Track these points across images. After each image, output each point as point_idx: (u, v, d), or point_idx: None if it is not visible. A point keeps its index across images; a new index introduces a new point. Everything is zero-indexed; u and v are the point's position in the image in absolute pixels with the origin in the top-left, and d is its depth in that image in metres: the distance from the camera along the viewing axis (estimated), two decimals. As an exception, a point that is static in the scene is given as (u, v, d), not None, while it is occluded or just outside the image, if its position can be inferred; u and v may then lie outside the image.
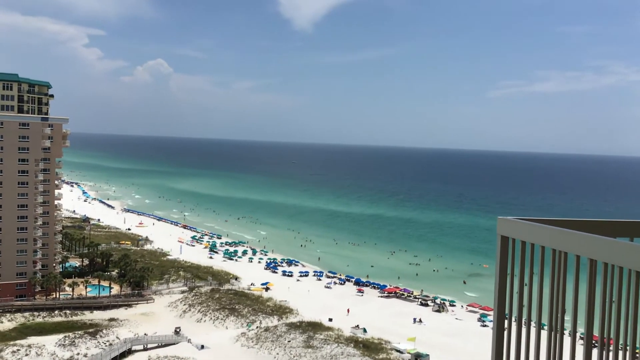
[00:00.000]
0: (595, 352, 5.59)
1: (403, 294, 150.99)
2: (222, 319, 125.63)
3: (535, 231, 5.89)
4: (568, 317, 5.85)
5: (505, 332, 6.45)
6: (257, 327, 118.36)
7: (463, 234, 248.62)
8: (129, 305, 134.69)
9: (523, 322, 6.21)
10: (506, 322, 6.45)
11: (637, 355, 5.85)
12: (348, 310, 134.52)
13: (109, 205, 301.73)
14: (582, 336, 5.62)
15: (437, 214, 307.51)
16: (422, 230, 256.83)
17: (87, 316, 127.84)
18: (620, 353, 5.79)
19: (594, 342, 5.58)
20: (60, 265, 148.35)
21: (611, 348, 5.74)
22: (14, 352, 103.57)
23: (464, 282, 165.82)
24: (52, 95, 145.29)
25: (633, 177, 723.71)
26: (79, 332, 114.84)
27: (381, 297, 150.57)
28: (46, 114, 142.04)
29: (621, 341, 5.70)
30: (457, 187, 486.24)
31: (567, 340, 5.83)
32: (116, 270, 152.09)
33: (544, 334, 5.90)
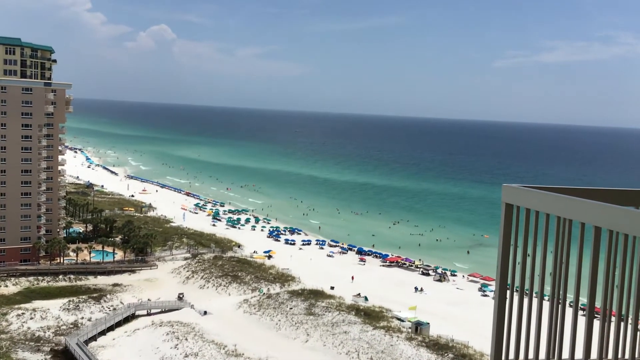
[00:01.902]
0: (597, 324, 5.53)
1: (405, 264, 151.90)
2: (224, 286, 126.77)
3: (541, 198, 5.79)
4: (570, 288, 5.79)
5: (507, 302, 6.39)
6: (264, 293, 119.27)
7: (465, 204, 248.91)
8: (133, 271, 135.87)
9: (525, 292, 6.15)
10: (508, 292, 6.39)
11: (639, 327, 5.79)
12: (352, 277, 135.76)
13: (112, 172, 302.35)
14: (583, 307, 5.57)
15: (438, 185, 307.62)
16: (424, 201, 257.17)
17: (91, 281, 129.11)
18: (622, 324, 5.73)
19: (595, 313, 5.52)
20: (64, 231, 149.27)
21: (613, 319, 5.68)
22: (18, 315, 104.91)
23: (468, 252, 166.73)
24: (55, 60, 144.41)
25: (638, 149, 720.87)
26: (83, 297, 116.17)
27: (383, 266, 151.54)
28: (49, 79, 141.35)
29: (623, 312, 5.64)
30: (461, 157, 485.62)
31: (569, 312, 5.77)
32: (120, 236, 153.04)
33: (546, 304, 5.84)
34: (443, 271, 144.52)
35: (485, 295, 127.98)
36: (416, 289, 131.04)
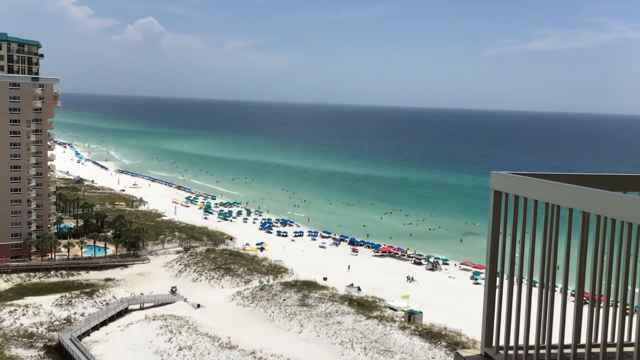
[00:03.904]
0: (586, 309, 5.57)
1: (397, 253, 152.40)
2: (217, 279, 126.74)
3: (528, 185, 5.81)
4: (560, 274, 5.81)
5: (497, 289, 6.42)
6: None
7: (456, 193, 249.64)
8: (125, 266, 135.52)
9: (515, 280, 6.17)
10: (498, 279, 6.41)
11: (627, 311, 5.83)
12: (349, 267, 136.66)
13: (102, 166, 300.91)
14: (573, 293, 5.59)
15: (429, 174, 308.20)
16: (415, 190, 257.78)
17: (83, 276, 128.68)
18: (611, 309, 5.76)
19: (584, 299, 5.55)
20: (55, 226, 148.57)
21: (602, 305, 5.72)
22: (11, 312, 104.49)
23: (461, 241, 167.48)
24: (42, 55, 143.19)
25: (626, 136, 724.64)
26: (76, 292, 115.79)
27: (375, 256, 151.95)
28: (36, 73, 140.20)
29: (612, 297, 5.68)
30: (450, 146, 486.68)
31: (558, 298, 5.80)
32: (111, 231, 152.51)
33: (536, 291, 5.87)
34: (435, 260, 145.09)
35: (477, 284, 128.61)
36: (408, 278, 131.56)
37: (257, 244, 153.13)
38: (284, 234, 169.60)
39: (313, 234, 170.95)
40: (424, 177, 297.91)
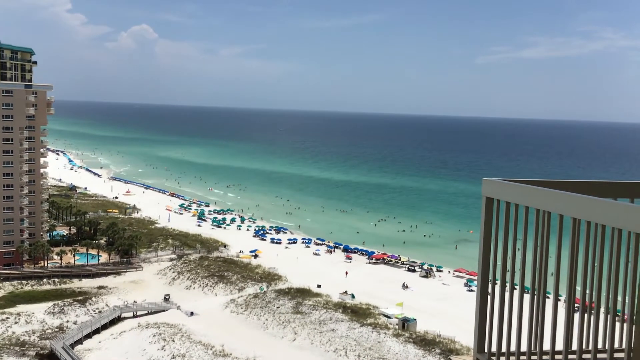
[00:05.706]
0: (577, 315, 5.60)
1: (391, 260, 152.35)
2: (211, 286, 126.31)
3: (520, 191, 5.85)
4: (551, 280, 5.83)
5: (489, 296, 6.44)
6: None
7: (449, 200, 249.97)
8: (118, 273, 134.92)
9: (506, 287, 6.21)
10: (490, 285, 6.44)
11: (618, 318, 5.87)
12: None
13: (95, 174, 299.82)
14: (564, 300, 5.62)
15: (422, 181, 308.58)
16: (407, 197, 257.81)
17: (76, 284, 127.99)
18: (602, 316, 5.80)
19: (575, 305, 5.59)
20: (48, 234, 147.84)
21: (592, 311, 5.75)
22: (3, 320, 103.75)
23: (456, 248, 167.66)
24: (35, 62, 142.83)
25: (618, 144, 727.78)
26: (68, 300, 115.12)
27: (369, 263, 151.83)
28: (30, 81, 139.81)
29: (602, 304, 5.71)
30: (443, 153, 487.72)
31: (549, 304, 5.83)
32: (104, 239, 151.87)
33: (527, 297, 5.90)
34: (429, 267, 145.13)
35: (471, 290, 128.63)
36: (403, 285, 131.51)
37: (251, 251, 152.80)
38: (278, 241, 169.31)
39: (307, 241, 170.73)
40: (416, 184, 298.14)
